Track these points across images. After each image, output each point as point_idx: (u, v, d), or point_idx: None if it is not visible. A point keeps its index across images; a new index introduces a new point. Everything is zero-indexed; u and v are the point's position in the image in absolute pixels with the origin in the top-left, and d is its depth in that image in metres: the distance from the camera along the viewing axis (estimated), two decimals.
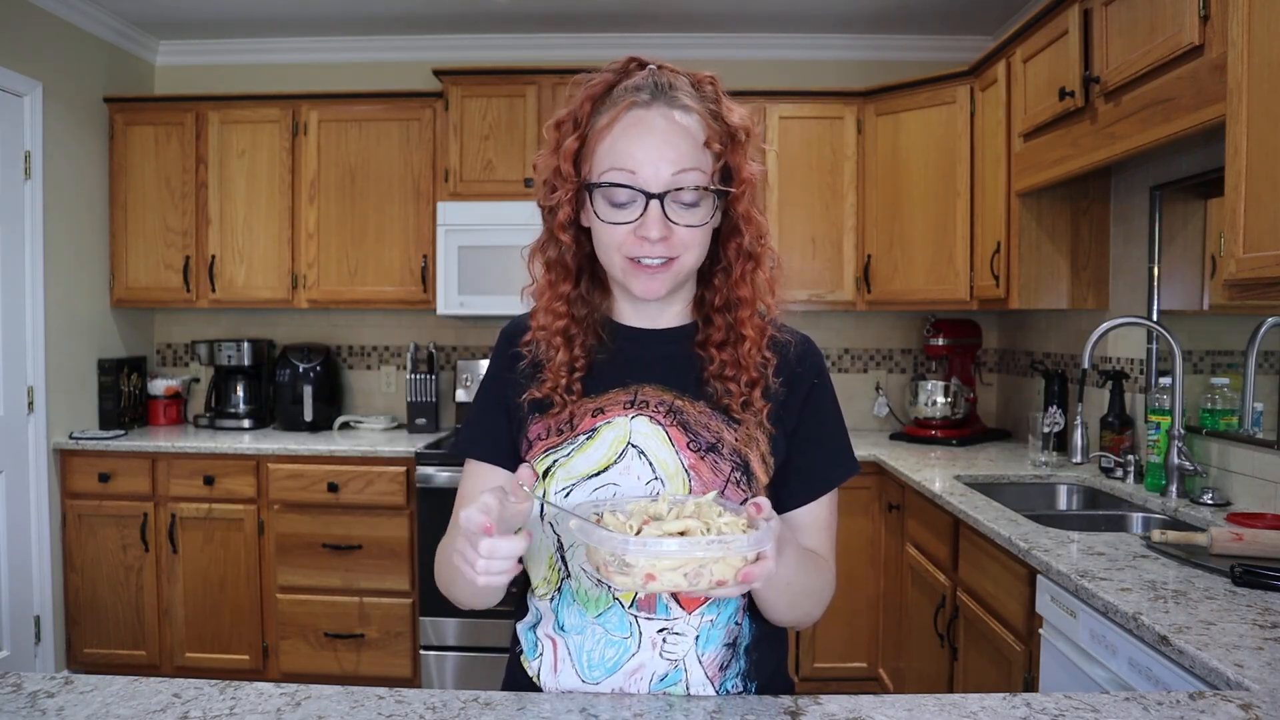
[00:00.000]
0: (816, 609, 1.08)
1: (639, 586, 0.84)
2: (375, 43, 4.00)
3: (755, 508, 0.88)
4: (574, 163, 1.04)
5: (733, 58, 3.92)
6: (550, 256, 1.10)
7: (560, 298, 1.09)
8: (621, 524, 0.90)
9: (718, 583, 0.84)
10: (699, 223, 1.01)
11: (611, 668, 1.03)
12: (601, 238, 1.03)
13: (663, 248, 1.00)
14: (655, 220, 0.99)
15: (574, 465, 1.05)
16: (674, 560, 0.83)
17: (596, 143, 1.02)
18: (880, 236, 3.56)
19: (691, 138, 1.01)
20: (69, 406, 3.56)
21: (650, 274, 1.02)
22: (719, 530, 0.86)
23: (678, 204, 1.00)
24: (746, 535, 0.84)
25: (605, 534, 0.85)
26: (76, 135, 3.59)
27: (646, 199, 0.99)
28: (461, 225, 3.52)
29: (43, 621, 3.40)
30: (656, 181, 0.99)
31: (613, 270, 1.06)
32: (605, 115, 1.02)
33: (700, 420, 1.05)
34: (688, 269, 1.04)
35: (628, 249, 1.01)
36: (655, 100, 1.01)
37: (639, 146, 0.99)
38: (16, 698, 0.99)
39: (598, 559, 0.88)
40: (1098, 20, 2.32)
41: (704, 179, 1.01)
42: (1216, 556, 1.72)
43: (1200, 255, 2.53)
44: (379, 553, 3.35)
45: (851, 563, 3.24)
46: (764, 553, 0.85)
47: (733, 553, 0.83)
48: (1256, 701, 1.04)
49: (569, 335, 1.09)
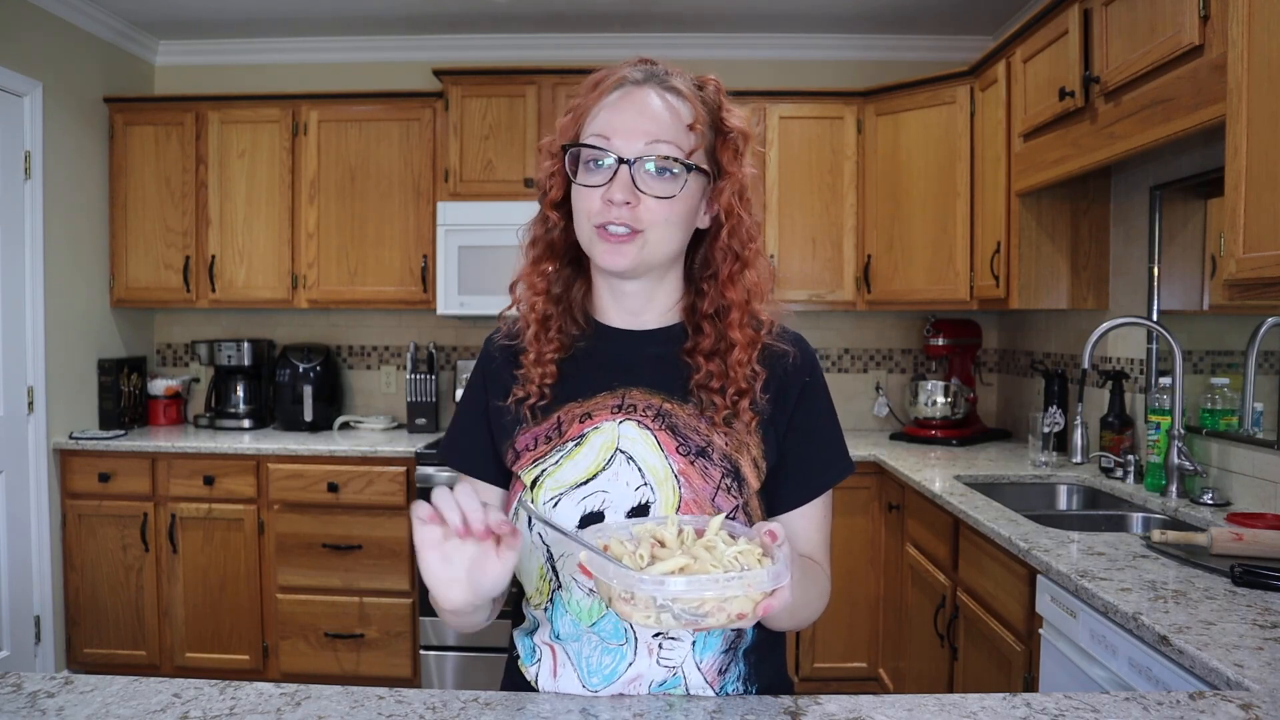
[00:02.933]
0: (814, 615, 1.08)
1: (655, 623, 0.82)
2: (375, 43, 4.00)
3: (770, 536, 0.87)
4: (565, 139, 1.06)
5: (733, 58, 3.92)
6: (537, 234, 1.11)
7: (541, 275, 1.10)
8: (630, 553, 0.87)
9: (738, 615, 0.82)
10: (666, 194, 1.00)
11: (610, 676, 1.03)
12: (576, 204, 1.04)
13: (628, 213, 1.00)
14: (622, 184, 0.99)
15: (562, 474, 1.03)
16: (693, 599, 0.81)
17: (584, 115, 1.05)
18: (880, 236, 3.56)
19: (674, 115, 1.02)
20: (69, 406, 3.56)
21: (614, 243, 1.01)
22: (733, 559, 0.84)
23: (648, 173, 1.00)
24: (766, 570, 0.82)
25: (620, 570, 0.82)
26: (76, 135, 3.59)
27: (618, 163, 1.00)
28: (461, 225, 3.52)
29: (43, 621, 3.40)
30: (629, 150, 1.00)
31: (583, 241, 1.05)
32: (598, 91, 1.05)
33: (689, 424, 1.04)
34: (655, 248, 1.02)
35: (596, 215, 1.01)
36: (648, 81, 1.04)
37: (618, 116, 1.02)
38: (16, 698, 0.99)
39: (609, 592, 0.85)
40: (1098, 20, 2.32)
41: (678, 154, 1.01)
42: (1216, 556, 1.72)
43: (1200, 255, 2.53)
44: (379, 553, 3.35)
45: (851, 563, 3.24)
46: (782, 585, 0.83)
47: (755, 590, 0.82)
48: (1256, 701, 1.04)
49: (545, 317, 1.09)
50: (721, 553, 0.86)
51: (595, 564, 0.84)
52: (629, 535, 0.91)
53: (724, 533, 0.90)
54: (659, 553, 0.87)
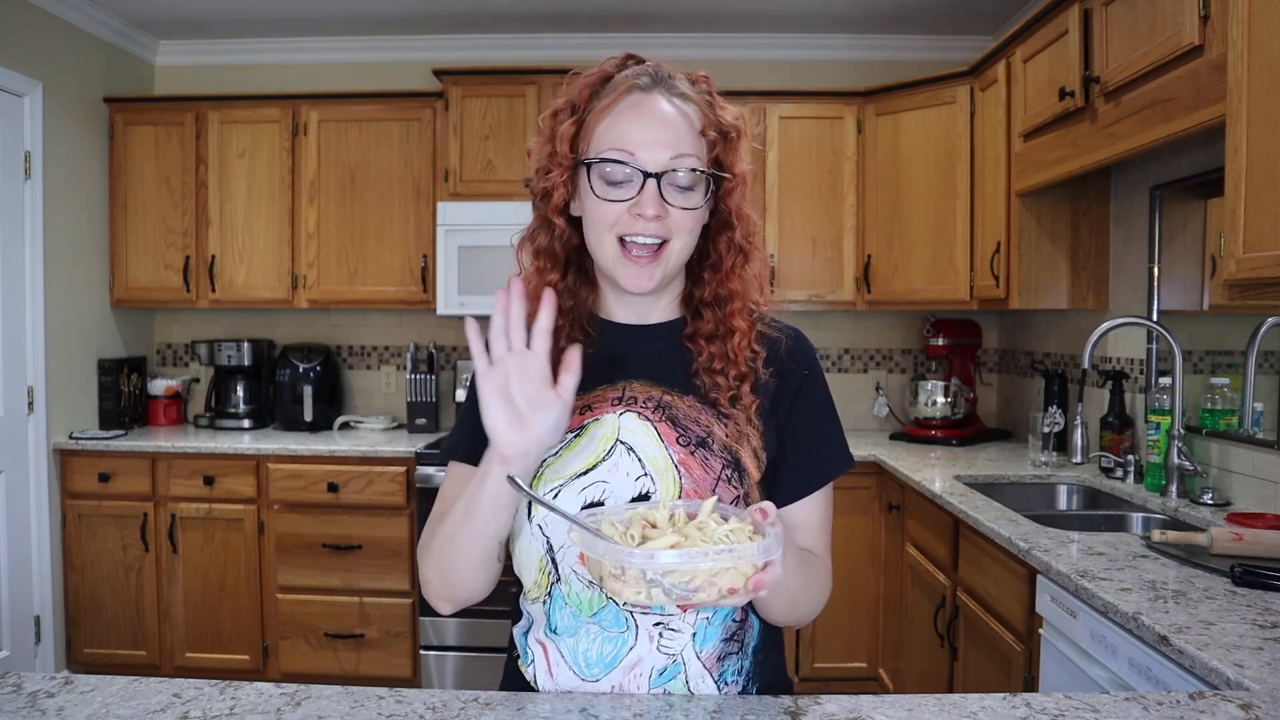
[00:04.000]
0: (814, 609, 1.08)
1: (645, 599, 0.83)
2: (375, 43, 4.00)
3: (761, 513, 0.87)
4: (571, 146, 1.04)
5: (732, 58, 3.92)
6: (540, 244, 1.10)
7: (548, 286, 1.08)
8: (621, 533, 0.87)
9: (729, 590, 0.82)
10: (693, 206, 1.02)
11: (610, 663, 1.02)
12: (594, 216, 1.03)
13: (657, 226, 1.00)
14: (651, 198, 1.00)
15: (562, 465, 1.04)
16: (683, 572, 0.81)
17: (595, 124, 1.03)
18: (880, 236, 3.56)
19: (689, 124, 1.02)
20: (69, 406, 3.56)
21: (639, 265, 1.01)
22: (724, 536, 0.84)
23: (673, 186, 1.01)
24: (756, 544, 0.82)
25: (610, 546, 0.82)
26: (76, 135, 3.59)
27: (644, 178, 1.00)
28: (461, 225, 3.52)
29: (43, 621, 3.40)
30: (654, 163, 1.00)
31: (602, 257, 1.04)
32: (605, 98, 1.03)
33: (690, 415, 1.05)
34: (676, 259, 1.04)
35: (621, 227, 1.01)
36: (655, 86, 1.03)
37: (638, 128, 1.01)
38: (16, 698, 0.99)
39: (600, 570, 0.85)
40: (1098, 20, 2.32)
41: (700, 165, 1.02)
42: (1216, 556, 1.72)
43: (1200, 255, 2.52)
44: (379, 553, 3.35)
45: (851, 563, 3.24)
46: (773, 559, 0.84)
47: (743, 562, 0.82)
48: (1256, 701, 1.04)
49: (555, 329, 1.08)
50: (712, 531, 0.86)
51: (586, 541, 0.85)
52: (621, 518, 0.91)
53: (715, 514, 0.90)
54: (650, 533, 0.87)
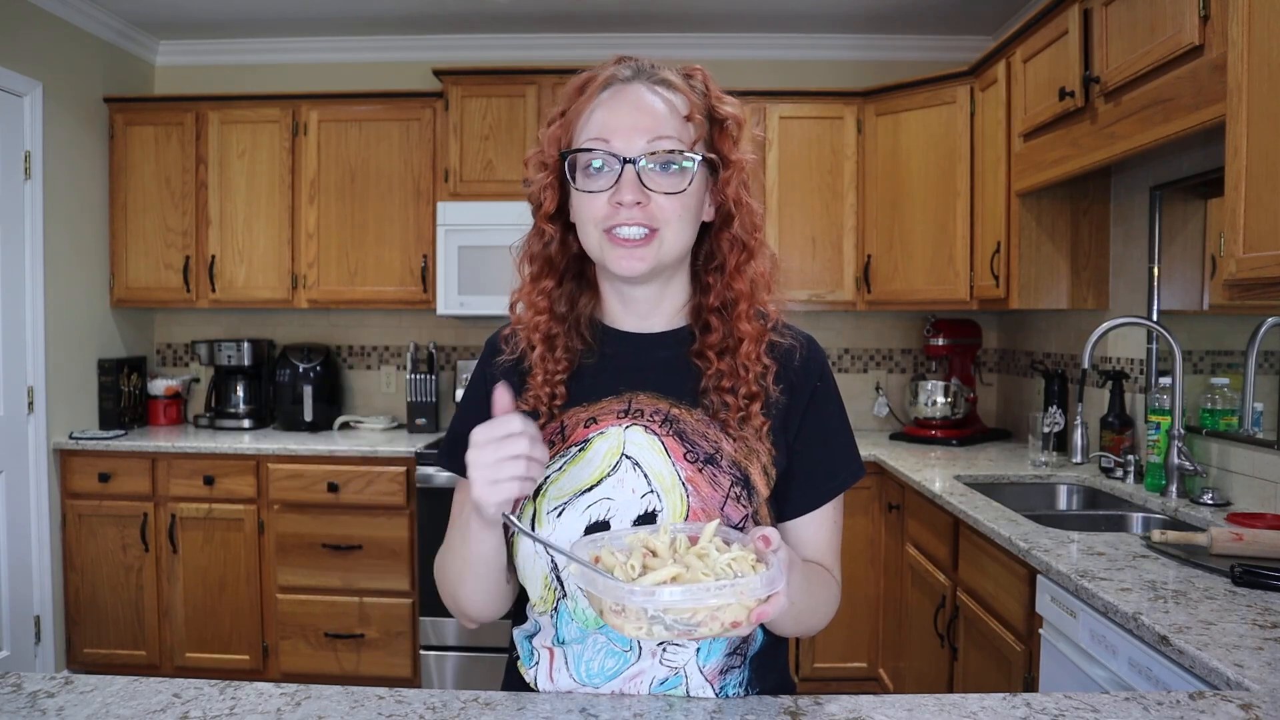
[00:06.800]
0: (821, 622, 1.06)
1: (647, 634, 0.81)
2: (375, 43, 4.00)
3: (764, 541, 0.84)
4: (558, 148, 1.03)
5: (732, 58, 3.92)
6: (534, 250, 1.08)
7: (542, 293, 1.06)
8: (621, 564, 0.85)
9: (732, 624, 0.80)
10: (675, 189, 0.98)
11: (612, 675, 1.02)
12: (580, 212, 1.01)
13: (639, 213, 0.97)
14: (629, 184, 0.96)
15: (565, 481, 1.01)
16: (685, 609, 0.79)
17: (575, 119, 1.01)
18: (880, 236, 3.56)
19: (671, 110, 0.99)
20: (69, 406, 3.56)
21: (629, 248, 0.98)
22: (726, 566, 0.82)
23: (653, 170, 0.98)
24: (758, 576, 0.80)
25: (609, 582, 0.80)
26: (76, 135, 3.59)
27: (621, 164, 0.97)
28: (461, 225, 3.52)
29: (43, 621, 3.40)
30: (630, 148, 0.97)
31: (592, 250, 1.02)
32: (586, 95, 1.01)
33: (698, 429, 1.02)
34: (670, 248, 0.99)
35: (604, 219, 0.98)
36: (636, 77, 1.01)
37: (614, 116, 0.99)
38: (16, 698, 0.99)
39: (601, 605, 0.82)
40: (1098, 20, 2.32)
41: (682, 147, 0.99)
42: (1216, 556, 1.72)
43: (1200, 255, 2.52)
44: (379, 553, 3.35)
45: (851, 563, 3.24)
46: (777, 590, 0.81)
47: (747, 597, 0.79)
48: (1256, 701, 1.04)
49: (550, 336, 1.05)
50: (714, 560, 0.84)
51: (585, 577, 0.83)
52: (621, 545, 0.89)
53: (718, 539, 0.87)
54: (651, 562, 0.85)
